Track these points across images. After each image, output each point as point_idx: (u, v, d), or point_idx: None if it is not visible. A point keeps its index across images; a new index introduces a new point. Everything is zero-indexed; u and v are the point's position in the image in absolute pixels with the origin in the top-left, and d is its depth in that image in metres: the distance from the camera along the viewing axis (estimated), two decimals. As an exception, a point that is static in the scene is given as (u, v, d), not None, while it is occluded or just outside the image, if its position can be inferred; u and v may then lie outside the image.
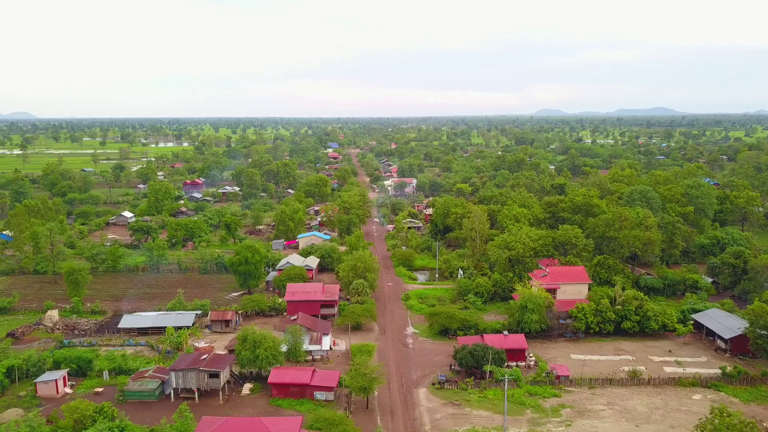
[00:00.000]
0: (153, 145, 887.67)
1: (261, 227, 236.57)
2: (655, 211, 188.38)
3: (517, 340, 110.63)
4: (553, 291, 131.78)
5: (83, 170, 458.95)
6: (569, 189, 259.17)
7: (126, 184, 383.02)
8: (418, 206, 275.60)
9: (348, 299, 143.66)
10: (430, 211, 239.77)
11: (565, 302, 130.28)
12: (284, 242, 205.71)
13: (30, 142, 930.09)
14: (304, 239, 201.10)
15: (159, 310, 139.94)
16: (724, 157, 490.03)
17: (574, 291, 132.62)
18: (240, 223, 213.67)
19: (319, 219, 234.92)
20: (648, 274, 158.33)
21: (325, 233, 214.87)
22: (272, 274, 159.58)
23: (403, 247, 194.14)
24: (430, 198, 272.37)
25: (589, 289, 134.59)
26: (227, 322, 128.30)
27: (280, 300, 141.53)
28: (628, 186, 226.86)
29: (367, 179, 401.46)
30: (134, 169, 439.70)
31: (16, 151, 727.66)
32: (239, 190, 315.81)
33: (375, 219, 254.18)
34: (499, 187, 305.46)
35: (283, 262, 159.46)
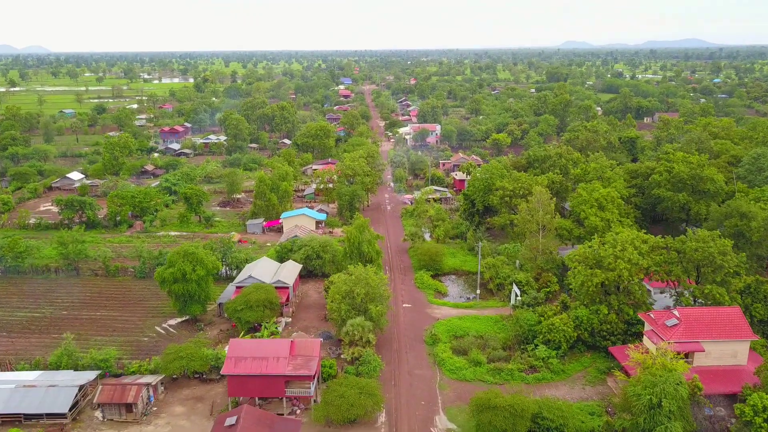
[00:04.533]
0: (156, 81, 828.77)
1: (239, 196, 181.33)
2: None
3: (656, 493, 56.30)
4: (685, 353, 76.39)
5: (62, 112, 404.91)
6: (641, 144, 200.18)
7: (101, 130, 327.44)
8: (444, 164, 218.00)
9: (339, 342, 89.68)
10: (460, 175, 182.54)
11: (708, 372, 75.34)
12: (263, 223, 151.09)
13: (26, 78, 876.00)
14: (289, 220, 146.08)
15: (37, 365, 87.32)
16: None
17: (724, 353, 77.08)
18: (205, 195, 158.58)
19: (314, 186, 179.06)
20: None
21: (320, 210, 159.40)
22: (229, 291, 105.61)
23: (426, 235, 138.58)
24: (461, 157, 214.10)
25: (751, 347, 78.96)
26: (129, 407, 75.23)
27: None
28: (731, 143, 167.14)
29: (381, 124, 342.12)
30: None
31: (10, 89, 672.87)
32: (224, 141, 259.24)
33: (389, 183, 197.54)
34: (545, 140, 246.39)
35: (243, 274, 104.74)
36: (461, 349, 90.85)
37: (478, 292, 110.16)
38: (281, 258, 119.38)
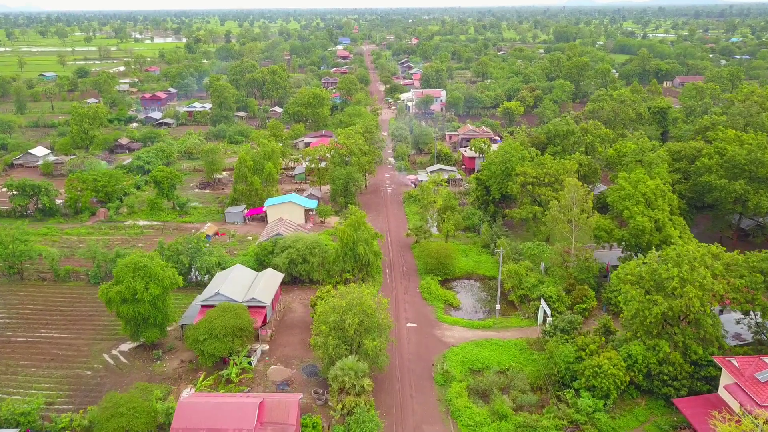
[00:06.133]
0: (148, 41, 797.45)
1: (221, 176, 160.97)
2: None
3: None
4: (784, 415, 57.55)
5: (42, 75, 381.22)
6: (673, 115, 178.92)
7: (80, 96, 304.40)
8: (451, 136, 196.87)
9: (326, 386, 70.76)
10: (469, 152, 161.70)
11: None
12: (244, 211, 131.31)
13: (12, 38, 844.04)
14: (274, 209, 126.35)
15: (-59, 417, 68.79)
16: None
17: (836, 418, 58.21)
18: (179, 177, 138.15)
19: (305, 163, 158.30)
20: None
21: (310, 195, 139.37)
22: (194, 309, 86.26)
23: (433, 229, 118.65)
24: (469, 129, 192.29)
25: None
26: (44, 491, 56.78)
27: (188, 391, 69.91)
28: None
29: (382, 88, 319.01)
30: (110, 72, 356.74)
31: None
32: (209, 110, 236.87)
33: (389, 161, 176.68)
34: (560, 108, 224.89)
35: (210, 289, 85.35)
36: (480, 390, 72.17)
37: (498, 307, 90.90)
38: (260, 261, 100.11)
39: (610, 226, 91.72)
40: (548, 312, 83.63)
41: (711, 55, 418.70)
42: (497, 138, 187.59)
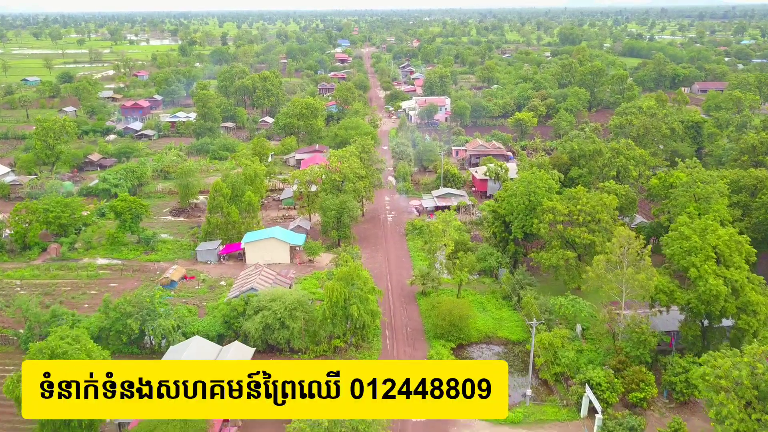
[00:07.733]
0: (144, 44, 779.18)
1: (197, 200, 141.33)
2: None
3: None
4: None
5: (25, 80, 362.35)
6: (708, 129, 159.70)
7: (60, 104, 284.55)
8: (458, 152, 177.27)
9: None
10: (480, 173, 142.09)
11: None
12: (219, 248, 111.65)
13: (4, 40, 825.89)
14: (254, 246, 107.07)
15: None
16: None
17: None
18: (143, 208, 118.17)
19: (295, 186, 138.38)
20: None
21: (297, 228, 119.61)
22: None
23: (444, 273, 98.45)
24: (479, 144, 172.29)
25: None
26: None
27: None
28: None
29: (382, 95, 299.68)
30: (94, 78, 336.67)
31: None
32: (194, 120, 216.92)
33: (390, 179, 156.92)
34: (575, 118, 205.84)
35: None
36: None
37: (529, 392, 71.28)
38: (228, 326, 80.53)
39: (670, 287, 71.95)
40: (597, 405, 64.18)
41: (726, 59, 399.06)
42: (509, 154, 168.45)
